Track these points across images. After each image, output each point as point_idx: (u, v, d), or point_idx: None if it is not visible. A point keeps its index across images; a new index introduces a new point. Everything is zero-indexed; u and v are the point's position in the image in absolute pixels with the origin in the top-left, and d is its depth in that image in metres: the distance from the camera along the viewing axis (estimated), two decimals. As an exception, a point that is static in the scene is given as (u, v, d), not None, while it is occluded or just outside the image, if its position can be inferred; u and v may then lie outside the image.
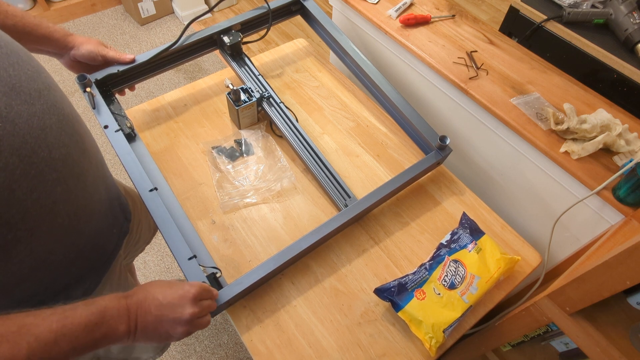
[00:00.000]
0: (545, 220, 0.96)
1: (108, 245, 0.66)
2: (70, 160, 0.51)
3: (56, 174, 0.48)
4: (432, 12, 1.11)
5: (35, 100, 0.46)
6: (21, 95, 0.44)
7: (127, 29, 2.33)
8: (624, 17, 1.07)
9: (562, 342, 0.80)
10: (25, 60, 0.48)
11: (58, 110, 0.50)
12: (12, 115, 0.42)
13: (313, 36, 2.37)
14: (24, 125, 0.44)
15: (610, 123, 0.84)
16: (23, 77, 0.46)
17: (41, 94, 0.48)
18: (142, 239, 0.93)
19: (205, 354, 1.36)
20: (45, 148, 0.46)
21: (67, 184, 0.51)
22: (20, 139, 0.43)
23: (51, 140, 0.47)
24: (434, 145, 0.88)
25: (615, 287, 0.51)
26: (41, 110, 0.47)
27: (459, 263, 0.74)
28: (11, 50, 0.47)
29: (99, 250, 0.64)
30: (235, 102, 0.90)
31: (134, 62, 0.86)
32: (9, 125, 0.42)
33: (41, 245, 0.50)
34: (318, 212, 0.86)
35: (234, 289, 0.68)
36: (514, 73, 0.98)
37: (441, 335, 0.67)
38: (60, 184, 0.49)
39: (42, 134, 0.46)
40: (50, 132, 0.47)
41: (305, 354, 0.70)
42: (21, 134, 0.43)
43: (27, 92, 0.46)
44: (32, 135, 0.45)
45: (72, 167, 0.52)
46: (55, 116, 0.49)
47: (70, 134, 0.52)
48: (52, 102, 0.49)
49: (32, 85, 0.47)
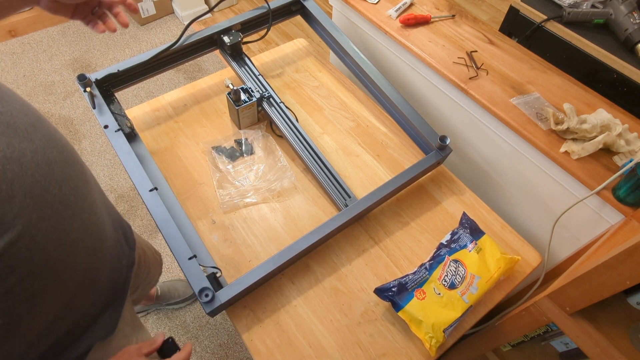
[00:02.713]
0: (545, 220, 0.96)
1: (120, 278, 0.63)
2: (79, 193, 0.48)
3: (71, 210, 0.46)
4: (432, 12, 1.11)
5: (33, 136, 0.43)
6: (18, 132, 0.41)
7: (127, 29, 2.33)
8: (624, 17, 1.07)
9: (562, 342, 0.80)
10: (9, 94, 0.45)
11: (56, 142, 0.47)
12: (16, 155, 0.39)
13: (313, 36, 2.37)
14: (30, 163, 0.40)
15: (610, 123, 0.84)
16: (14, 113, 0.42)
17: (36, 128, 0.44)
18: (152, 270, 0.89)
19: (205, 354, 1.36)
20: (55, 184, 0.43)
21: (82, 218, 0.48)
22: (30, 179, 0.40)
23: (59, 175, 0.45)
24: (434, 145, 0.88)
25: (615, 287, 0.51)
26: (42, 145, 0.43)
27: (459, 263, 0.74)
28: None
29: (114, 284, 0.61)
30: (236, 102, 0.90)
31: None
32: (16, 167, 0.39)
33: (65, 290, 0.47)
34: (318, 212, 0.86)
35: (234, 288, 0.68)
36: (514, 73, 0.98)
37: (441, 335, 0.67)
38: (76, 220, 0.47)
39: (49, 169, 0.43)
40: (56, 166, 0.45)
41: (305, 353, 0.70)
42: (30, 174, 0.40)
43: (23, 127, 0.42)
44: (40, 173, 0.41)
45: (82, 199, 0.49)
46: (55, 149, 0.46)
47: (73, 164, 0.49)
48: (48, 134, 0.46)
49: (25, 120, 0.43)
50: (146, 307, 1.39)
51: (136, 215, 1.63)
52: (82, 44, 2.22)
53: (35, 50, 2.16)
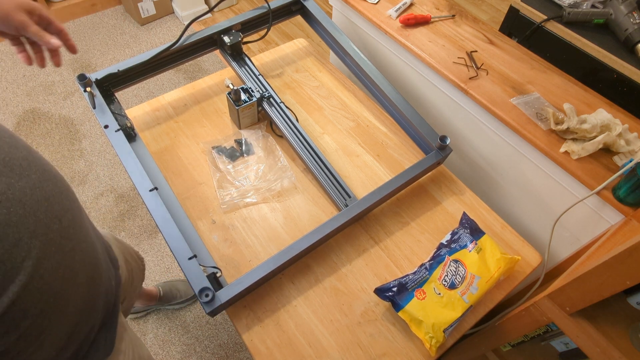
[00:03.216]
0: (545, 220, 0.96)
1: (111, 299, 0.62)
2: (76, 224, 0.48)
3: (71, 243, 0.45)
4: (432, 12, 1.11)
5: (29, 171, 0.41)
6: (14, 169, 0.39)
7: (127, 29, 2.33)
8: (624, 17, 1.07)
9: (562, 342, 0.80)
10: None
11: (49, 174, 0.46)
12: (17, 195, 0.38)
13: (313, 36, 2.37)
14: (30, 202, 0.39)
15: (610, 123, 0.84)
16: (6, 148, 0.40)
17: (29, 162, 0.43)
18: (135, 278, 0.88)
19: (205, 354, 1.36)
20: (55, 219, 0.43)
21: (81, 249, 0.48)
22: (33, 218, 0.39)
23: (57, 208, 0.44)
24: (434, 145, 0.88)
25: (615, 287, 0.51)
26: (38, 180, 0.42)
27: (459, 263, 0.74)
28: None
29: (107, 305, 0.61)
30: (236, 102, 0.90)
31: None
32: (19, 208, 0.38)
33: (69, 322, 0.47)
34: (318, 212, 0.86)
35: (234, 288, 0.68)
36: (514, 73, 0.98)
37: (441, 335, 0.67)
38: (76, 252, 0.46)
39: (48, 205, 0.42)
40: (54, 200, 0.44)
41: (305, 353, 0.70)
42: (32, 212, 0.39)
43: (18, 164, 0.40)
44: (41, 211, 0.41)
45: (79, 229, 0.49)
46: (50, 181, 0.45)
47: (67, 194, 0.48)
48: (41, 167, 0.45)
49: (17, 154, 0.41)
50: (147, 307, 1.39)
51: (136, 215, 1.63)
52: (82, 44, 2.22)
53: (35, 50, 2.16)
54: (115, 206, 1.64)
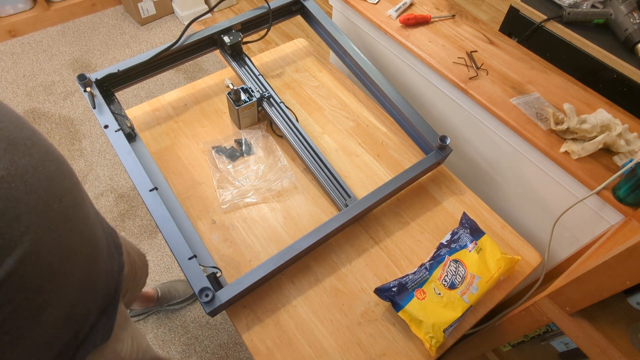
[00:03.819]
0: (545, 220, 0.96)
1: (112, 284, 0.63)
2: (77, 205, 0.49)
3: (70, 223, 0.46)
4: (432, 12, 1.11)
5: (32, 150, 0.43)
6: (19, 147, 0.41)
7: (127, 29, 2.33)
8: (624, 17, 1.07)
9: (562, 342, 0.80)
10: (6, 110, 0.44)
11: (52, 154, 0.47)
12: (20, 172, 0.39)
13: (313, 36, 2.37)
14: (33, 180, 0.41)
15: (610, 123, 0.84)
16: (12, 128, 0.42)
17: (33, 141, 0.44)
18: (138, 272, 0.89)
19: (205, 354, 1.36)
20: (55, 198, 0.44)
21: (80, 230, 0.49)
22: (34, 195, 0.40)
23: (58, 188, 0.45)
24: (434, 145, 0.88)
25: (615, 287, 0.51)
26: (40, 160, 0.44)
27: (459, 263, 0.74)
28: None
29: (108, 291, 0.62)
30: (236, 102, 0.90)
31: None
32: (21, 184, 0.39)
33: (66, 301, 0.47)
34: (318, 212, 0.86)
35: (234, 288, 0.68)
36: (514, 73, 0.98)
37: (441, 335, 0.67)
38: (75, 232, 0.47)
39: (50, 184, 0.43)
40: (55, 180, 0.45)
41: (305, 353, 0.70)
42: (33, 190, 0.40)
43: (23, 143, 0.42)
44: (42, 189, 0.42)
45: (79, 210, 0.49)
46: (53, 162, 0.46)
47: (69, 176, 0.49)
48: (45, 147, 0.46)
49: (22, 134, 0.43)
50: (147, 310, 1.39)
51: (136, 215, 1.63)
52: (82, 44, 2.22)
53: (35, 50, 2.16)
54: (115, 206, 1.64)
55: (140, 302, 1.34)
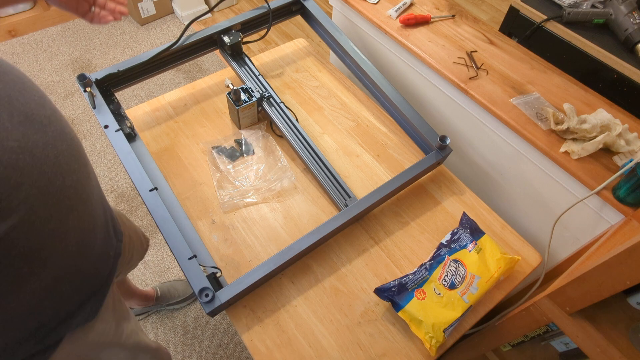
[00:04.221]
0: (545, 220, 0.96)
1: (105, 268, 0.65)
2: (79, 186, 0.51)
3: (69, 202, 0.48)
4: (432, 12, 1.11)
5: (47, 128, 0.46)
6: (34, 123, 0.44)
7: (127, 29, 2.33)
8: (624, 17, 1.07)
9: (562, 342, 0.80)
10: (29, 86, 0.47)
11: (66, 135, 0.50)
12: (29, 146, 0.42)
13: (313, 36, 2.37)
14: (40, 154, 0.43)
15: (610, 123, 0.84)
16: (32, 105, 0.45)
17: (50, 120, 0.47)
18: (134, 257, 0.91)
19: (205, 354, 1.36)
20: (59, 176, 0.46)
21: (78, 211, 0.51)
22: (39, 169, 0.42)
23: (64, 168, 0.47)
24: (434, 145, 0.88)
25: (615, 287, 0.51)
26: (53, 138, 0.46)
27: (459, 263, 0.74)
28: (16, 76, 0.46)
29: (99, 275, 0.63)
30: (236, 102, 0.90)
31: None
32: (28, 157, 0.41)
33: (52, 275, 0.49)
34: (318, 212, 0.86)
35: (234, 288, 0.68)
36: (514, 73, 0.98)
37: (441, 335, 0.67)
38: (72, 212, 0.49)
39: (57, 162, 0.46)
40: (63, 159, 0.47)
41: (305, 353, 0.70)
42: (39, 164, 0.43)
43: (39, 119, 0.45)
44: (48, 165, 0.44)
45: (81, 192, 0.51)
46: (65, 142, 0.48)
47: (78, 158, 0.52)
48: (61, 128, 0.49)
49: (41, 112, 0.46)
50: (147, 309, 1.39)
51: (136, 215, 1.63)
52: (82, 44, 2.22)
53: (35, 50, 2.16)
54: (115, 206, 1.63)
55: (140, 302, 1.34)
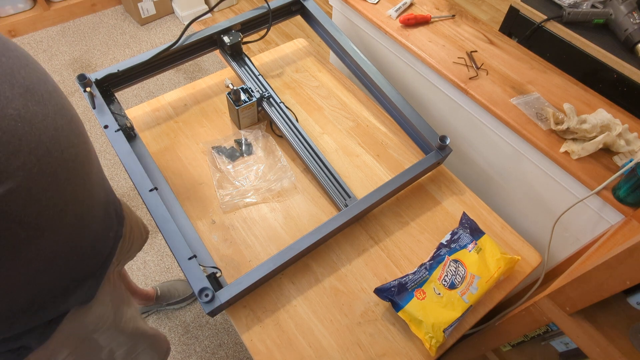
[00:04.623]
0: (545, 220, 0.96)
1: (104, 249, 0.66)
2: (78, 161, 0.52)
3: (67, 174, 0.49)
4: (432, 12, 1.11)
5: (47, 102, 0.47)
6: (35, 96, 0.45)
7: (127, 29, 2.33)
8: (624, 17, 1.07)
9: (562, 342, 0.80)
10: (33, 63, 0.49)
11: (66, 111, 0.51)
12: (29, 116, 0.43)
13: (313, 36, 2.37)
14: (39, 125, 0.45)
15: (610, 123, 0.84)
16: (34, 79, 0.47)
17: (51, 95, 0.49)
18: (134, 246, 0.92)
19: (205, 354, 1.36)
20: (58, 148, 0.47)
21: (76, 184, 0.52)
22: (37, 138, 0.44)
23: (63, 141, 0.48)
24: (434, 145, 0.88)
25: (615, 287, 0.51)
26: (53, 111, 0.48)
27: (459, 263, 0.74)
28: (20, 53, 0.48)
29: (97, 255, 0.64)
30: (236, 102, 0.90)
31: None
32: (27, 126, 0.43)
33: (48, 246, 0.50)
34: (318, 212, 0.86)
35: (234, 288, 0.68)
36: (514, 73, 0.98)
37: (441, 335, 0.67)
38: (70, 184, 0.50)
39: (56, 134, 0.47)
40: (62, 133, 0.48)
41: (305, 353, 0.70)
42: (37, 134, 0.44)
43: (40, 93, 0.47)
44: (46, 135, 0.45)
45: (80, 167, 0.53)
46: (65, 117, 0.50)
47: (78, 134, 0.53)
48: (61, 104, 0.50)
49: (43, 87, 0.48)
50: (147, 308, 1.39)
51: (136, 215, 1.63)
52: (82, 44, 2.22)
53: (35, 50, 2.16)
54: (115, 206, 1.64)
55: (140, 301, 1.34)
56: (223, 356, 1.36)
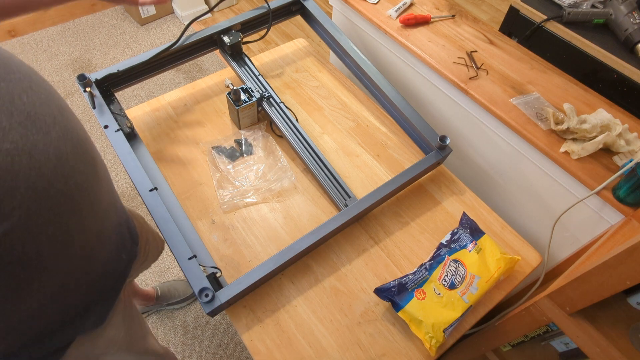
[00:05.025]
0: (545, 220, 0.96)
1: (117, 271, 0.63)
2: (84, 188, 0.48)
3: (71, 204, 0.46)
4: (432, 12, 1.11)
5: (51, 128, 0.43)
6: (36, 123, 0.42)
7: (127, 29, 2.33)
8: (624, 17, 1.07)
9: (562, 342, 0.80)
10: (37, 83, 0.45)
11: (72, 135, 0.47)
12: (28, 147, 0.40)
13: (313, 36, 2.37)
14: (40, 156, 0.41)
15: (610, 123, 0.84)
16: (37, 103, 0.43)
17: (56, 119, 0.45)
18: (149, 257, 0.89)
19: (205, 354, 1.36)
20: (61, 178, 0.44)
21: (82, 213, 0.48)
22: (37, 171, 0.40)
23: (67, 169, 0.45)
24: (434, 145, 0.88)
25: (615, 287, 0.51)
26: (57, 138, 0.44)
27: (459, 263, 0.74)
28: (24, 74, 0.44)
29: (109, 279, 0.61)
30: (236, 102, 0.90)
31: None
32: (25, 158, 0.39)
33: (54, 280, 0.47)
34: (318, 212, 0.86)
35: (234, 288, 0.68)
36: (514, 73, 0.98)
37: (441, 335, 0.67)
38: (75, 214, 0.47)
39: (59, 163, 0.44)
40: (66, 160, 0.45)
41: (305, 353, 0.70)
42: (37, 166, 0.40)
43: (42, 119, 0.43)
44: (48, 167, 0.42)
45: (86, 194, 0.49)
46: (70, 142, 0.46)
47: (85, 159, 0.49)
48: (66, 127, 0.47)
49: (46, 110, 0.44)
50: (147, 308, 1.39)
51: (136, 215, 1.63)
52: (82, 44, 2.22)
53: (35, 50, 2.16)
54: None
55: (141, 301, 1.34)
56: (223, 356, 1.36)
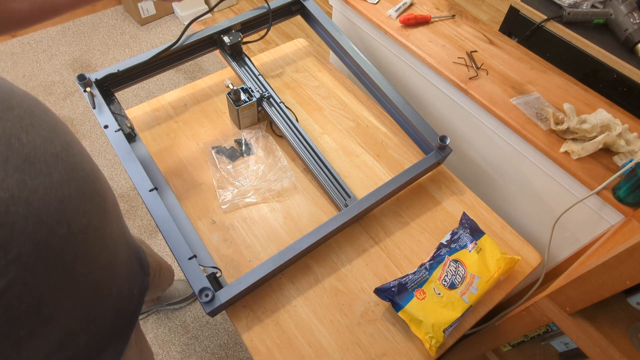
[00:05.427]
0: (545, 220, 0.96)
1: (130, 308, 0.59)
2: (91, 229, 0.44)
3: (76, 248, 0.42)
4: (432, 12, 1.11)
5: (53, 169, 0.39)
6: (36, 165, 0.38)
7: (127, 29, 2.33)
8: (624, 17, 1.07)
9: (562, 342, 0.80)
10: (40, 118, 0.41)
11: (78, 172, 0.43)
12: (25, 194, 0.36)
13: (313, 36, 2.37)
14: (39, 203, 0.37)
15: (610, 123, 0.84)
16: (38, 142, 0.39)
17: (59, 157, 0.41)
18: (162, 284, 0.85)
19: (205, 354, 1.36)
20: (64, 223, 0.39)
21: (88, 256, 0.44)
22: (35, 220, 0.36)
23: (70, 212, 0.41)
24: (434, 145, 0.88)
25: (615, 287, 0.51)
26: (59, 180, 0.40)
27: (459, 263, 0.74)
28: (25, 109, 0.39)
29: (121, 317, 0.57)
30: (236, 102, 0.90)
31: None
32: (22, 207, 0.35)
33: (59, 330, 0.43)
34: (318, 212, 0.86)
35: (234, 288, 0.68)
36: (514, 73, 0.98)
37: (441, 335, 0.67)
38: (79, 259, 0.43)
39: (61, 207, 0.39)
40: (70, 203, 0.41)
41: (305, 353, 0.70)
42: (36, 214, 0.36)
43: (44, 160, 0.39)
44: (49, 213, 0.38)
45: (93, 235, 0.45)
46: (74, 181, 0.42)
47: (91, 197, 0.45)
48: (71, 164, 0.42)
49: (48, 149, 0.40)
50: (147, 309, 1.39)
51: (136, 215, 1.63)
52: (82, 44, 2.22)
53: (35, 50, 2.16)
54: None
55: (140, 302, 1.33)
56: (223, 356, 1.36)
